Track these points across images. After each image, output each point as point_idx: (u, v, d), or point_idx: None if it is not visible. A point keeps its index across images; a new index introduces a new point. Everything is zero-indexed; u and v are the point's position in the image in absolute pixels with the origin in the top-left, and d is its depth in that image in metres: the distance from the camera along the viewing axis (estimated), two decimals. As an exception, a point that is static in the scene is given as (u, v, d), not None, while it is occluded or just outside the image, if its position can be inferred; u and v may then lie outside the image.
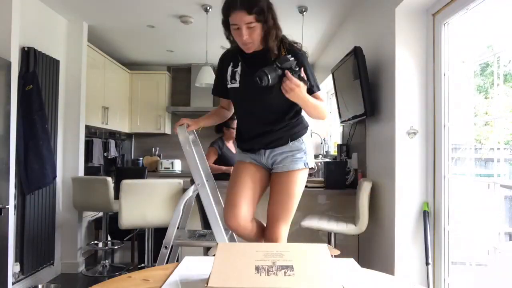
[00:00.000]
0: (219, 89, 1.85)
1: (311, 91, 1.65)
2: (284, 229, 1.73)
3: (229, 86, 1.76)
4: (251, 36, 1.59)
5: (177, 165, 5.51)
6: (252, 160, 1.83)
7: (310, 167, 1.81)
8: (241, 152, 1.88)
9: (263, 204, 1.85)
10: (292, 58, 1.52)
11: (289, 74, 1.50)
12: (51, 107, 3.43)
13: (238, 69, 1.72)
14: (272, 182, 1.81)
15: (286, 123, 1.75)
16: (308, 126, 1.84)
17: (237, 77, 1.72)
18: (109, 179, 3.40)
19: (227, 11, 1.60)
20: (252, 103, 1.74)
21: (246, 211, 1.72)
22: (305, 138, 1.80)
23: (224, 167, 3.47)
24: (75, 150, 3.78)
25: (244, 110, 1.82)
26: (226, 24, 1.65)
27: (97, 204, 3.47)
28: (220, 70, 1.82)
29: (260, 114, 1.76)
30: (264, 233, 1.82)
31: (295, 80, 1.51)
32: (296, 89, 1.52)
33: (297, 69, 1.53)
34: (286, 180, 1.75)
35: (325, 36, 4.31)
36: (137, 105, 5.46)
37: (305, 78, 1.56)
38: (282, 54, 1.63)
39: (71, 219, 3.75)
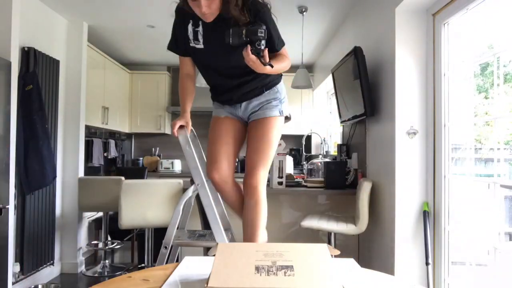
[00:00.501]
0: (180, 46, 1.77)
1: (274, 49, 1.64)
2: (263, 174, 1.75)
3: (192, 45, 1.72)
4: (210, 7, 1.52)
5: (177, 165, 5.51)
6: (228, 114, 1.85)
7: (285, 115, 1.84)
8: (217, 106, 1.89)
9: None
10: (262, 34, 1.46)
11: (248, 49, 1.47)
12: (51, 107, 3.43)
13: (200, 29, 1.66)
14: (249, 131, 1.85)
15: (259, 73, 1.73)
16: (281, 74, 1.85)
17: (200, 38, 1.67)
18: (123, 178, 3.36)
19: None
20: (219, 63, 1.73)
21: (226, 165, 1.79)
22: (280, 86, 1.84)
23: None
24: (75, 150, 3.78)
25: (212, 69, 1.80)
26: None
27: (107, 204, 3.43)
28: (179, 26, 1.72)
29: (229, 71, 1.76)
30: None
31: (252, 57, 1.48)
32: (253, 64, 1.51)
33: (261, 47, 1.47)
34: (262, 127, 1.78)
35: (325, 36, 4.31)
36: (137, 105, 5.46)
37: (266, 59, 1.51)
38: (244, 15, 1.56)
39: (71, 219, 3.75)
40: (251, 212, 1.71)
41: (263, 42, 1.47)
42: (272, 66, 1.54)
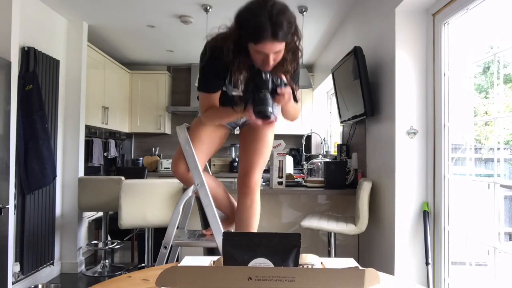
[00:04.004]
0: (221, 85, 1.63)
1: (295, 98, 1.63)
2: (259, 175, 1.80)
3: (232, 92, 1.65)
4: (275, 60, 1.46)
5: (177, 165, 5.50)
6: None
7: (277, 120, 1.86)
8: None
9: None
10: (267, 76, 1.43)
11: (281, 90, 1.43)
12: (51, 107, 3.43)
13: (241, 77, 1.58)
14: (246, 132, 1.87)
15: None
16: None
17: (241, 86, 1.60)
18: (123, 178, 3.36)
19: (255, 39, 1.38)
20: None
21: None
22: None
23: None
24: (75, 150, 3.78)
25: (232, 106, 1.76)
26: (240, 41, 1.44)
27: (107, 204, 3.43)
28: (220, 70, 1.58)
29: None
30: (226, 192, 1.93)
31: (288, 90, 1.46)
32: (290, 97, 1.49)
33: (282, 81, 1.46)
34: (259, 129, 1.80)
35: (325, 36, 4.31)
36: (137, 105, 5.46)
37: (286, 82, 1.48)
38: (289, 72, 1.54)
39: (71, 219, 3.75)
40: (246, 212, 1.75)
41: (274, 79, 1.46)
42: (296, 100, 1.59)
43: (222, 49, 1.48)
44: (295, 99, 1.57)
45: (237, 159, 5.55)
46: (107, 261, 3.79)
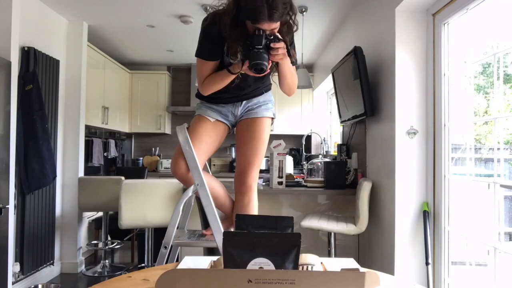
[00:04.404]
0: (217, 55, 1.68)
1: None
2: (256, 173, 1.81)
3: (230, 61, 1.68)
4: (272, 33, 1.54)
5: (177, 165, 5.50)
6: (219, 116, 1.86)
7: (274, 117, 1.95)
8: (207, 107, 1.88)
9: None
10: (260, 32, 1.50)
11: (276, 45, 1.50)
12: (51, 107, 3.43)
13: (239, 48, 1.62)
14: (242, 130, 1.88)
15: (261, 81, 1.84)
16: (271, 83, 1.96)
17: (239, 55, 1.63)
18: (123, 178, 3.36)
19: (252, 19, 1.47)
20: (241, 78, 1.74)
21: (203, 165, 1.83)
22: (271, 92, 1.94)
23: None
24: (75, 150, 3.78)
25: (230, 86, 1.78)
26: (237, 18, 1.52)
27: (107, 204, 3.43)
28: (217, 38, 1.63)
29: (243, 84, 1.79)
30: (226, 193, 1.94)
31: (282, 45, 1.53)
32: (284, 52, 1.55)
33: (275, 36, 1.53)
34: (256, 127, 1.84)
35: (325, 36, 4.31)
36: (137, 105, 5.47)
37: (279, 37, 1.55)
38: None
39: (71, 219, 3.76)
40: (244, 210, 1.77)
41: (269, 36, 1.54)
42: (293, 63, 1.66)
43: (221, 20, 1.57)
44: (290, 56, 1.62)
45: (236, 158, 5.54)
46: (107, 261, 3.79)
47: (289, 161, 3.93)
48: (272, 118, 1.92)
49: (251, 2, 1.43)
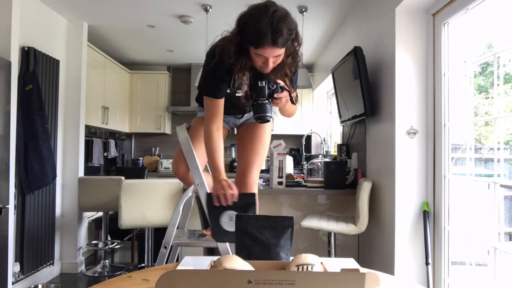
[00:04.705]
0: (224, 92, 1.64)
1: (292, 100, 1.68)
2: (257, 174, 1.83)
3: (237, 94, 1.66)
4: (275, 63, 1.51)
5: (177, 165, 5.50)
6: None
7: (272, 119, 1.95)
8: None
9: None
10: (263, 84, 1.53)
11: (279, 95, 1.52)
12: (51, 107, 3.43)
13: (244, 79, 1.61)
14: (243, 132, 1.91)
15: None
16: None
17: (244, 87, 1.63)
18: (123, 178, 3.36)
19: (256, 44, 1.41)
20: (243, 103, 1.74)
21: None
22: None
23: None
24: (75, 150, 3.78)
25: (235, 106, 1.79)
26: (242, 43, 1.48)
27: (107, 204, 3.42)
28: (226, 74, 1.60)
29: (246, 107, 1.80)
30: None
31: (285, 94, 1.54)
32: (287, 99, 1.57)
33: (278, 86, 1.55)
34: (257, 130, 1.86)
35: (325, 36, 4.31)
36: (137, 105, 5.46)
37: (286, 87, 1.57)
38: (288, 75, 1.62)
39: (71, 219, 3.75)
40: None
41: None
42: (293, 102, 1.66)
43: (225, 48, 1.52)
44: (292, 101, 1.62)
45: (236, 159, 5.55)
46: (107, 261, 3.80)
47: (289, 161, 3.93)
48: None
49: (255, 25, 1.39)
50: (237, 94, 1.66)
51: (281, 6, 1.44)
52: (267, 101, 1.50)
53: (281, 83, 1.53)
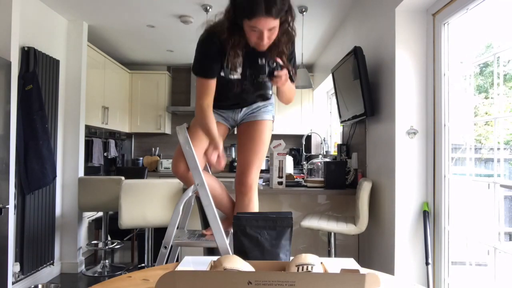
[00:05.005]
0: (217, 71, 1.65)
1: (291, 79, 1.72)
2: (256, 174, 1.82)
3: (230, 76, 1.68)
4: (270, 38, 1.50)
5: (177, 165, 5.50)
6: (220, 119, 1.88)
7: (273, 119, 1.96)
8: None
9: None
10: (263, 61, 1.56)
11: (279, 73, 1.54)
12: (51, 107, 3.43)
13: (239, 60, 1.63)
14: (242, 132, 1.90)
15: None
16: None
17: (239, 68, 1.64)
18: (123, 178, 3.35)
19: (249, 15, 1.42)
20: (243, 92, 1.75)
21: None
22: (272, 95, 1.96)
23: None
24: (75, 150, 3.78)
25: (230, 95, 1.79)
26: (235, 19, 1.49)
27: (107, 204, 3.43)
28: (217, 54, 1.61)
29: (245, 95, 1.80)
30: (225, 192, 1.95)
31: (284, 72, 1.56)
32: (287, 78, 1.59)
33: (278, 64, 1.58)
34: (257, 129, 1.85)
35: (325, 36, 4.31)
36: (137, 105, 5.47)
37: (284, 65, 1.60)
38: (287, 49, 1.63)
39: (71, 219, 3.75)
40: (244, 211, 1.78)
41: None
42: (293, 80, 1.68)
43: (219, 31, 1.54)
44: (292, 79, 1.65)
45: (236, 158, 5.55)
46: (107, 261, 3.80)
47: (289, 161, 3.93)
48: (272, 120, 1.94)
49: None
50: (231, 76, 1.67)
51: None
52: (267, 78, 1.52)
53: (280, 62, 1.56)
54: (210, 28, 1.60)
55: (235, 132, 2.03)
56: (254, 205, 1.79)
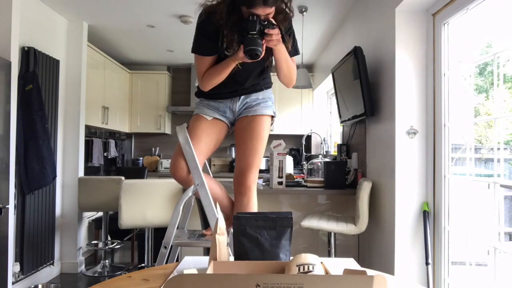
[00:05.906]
0: (214, 50, 1.69)
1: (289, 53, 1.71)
2: (255, 173, 1.81)
3: (226, 53, 1.69)
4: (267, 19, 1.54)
5: (177, 165, 5.50)
6: (216, 114, 1.86)
7: (275, 116, 1.95)
8: (204, 106, 1.87)
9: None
10: (254, 18, 1.53)
11: (270, 31, 1.53)
12: (51, 107, 3.43)
13: (235, 38, 1.64)
14: (242, 128, 1.86)
15: (264, 71, 1.85)
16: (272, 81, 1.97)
17: (235, 46, 1.64)
18: (123, 178, 3.36)
19: (247, 5, 1.49)
20: (238, 71, 1.74)
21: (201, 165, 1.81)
22: (271, 90, 1.94)
23: None
24: (75, 150, 3.78)
25: (227, 80, 1.78)
26: (233, 5, 1.55)
27: (107, 204, 3.43)
28: (213, 33, 1.65)
29: (241, 77, 1.78)
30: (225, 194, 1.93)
31: (276, 31, 1.54)
32: (279, 38, 1.57)
33: (270, 22, 1.56)
34: (255, 126, 1.82)
35: (325, 36, 4.31)
36: (137, 105, 5.47)
37: (274, 23, 1.58)
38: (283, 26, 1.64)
39: (71, 219, 3.76)
40: (244, 211, 1.76)
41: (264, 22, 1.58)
42: (297, 52, 1.70)
43: (216, 13, 1.58)
44: (284, 40, 1.63)
45: (235, 157, 5.55)
46: (107, 261, 3.80)
47: (289, 161, 3.93)
48: (272, 117, 1.90)
49: None
50: (226, 53, 1.67)
51: None
52: (257, 35, 1.51)
53: (273, 21, 1.55)
54: (208, 8, 1.64)
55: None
56: (254, 205, 1.78)
